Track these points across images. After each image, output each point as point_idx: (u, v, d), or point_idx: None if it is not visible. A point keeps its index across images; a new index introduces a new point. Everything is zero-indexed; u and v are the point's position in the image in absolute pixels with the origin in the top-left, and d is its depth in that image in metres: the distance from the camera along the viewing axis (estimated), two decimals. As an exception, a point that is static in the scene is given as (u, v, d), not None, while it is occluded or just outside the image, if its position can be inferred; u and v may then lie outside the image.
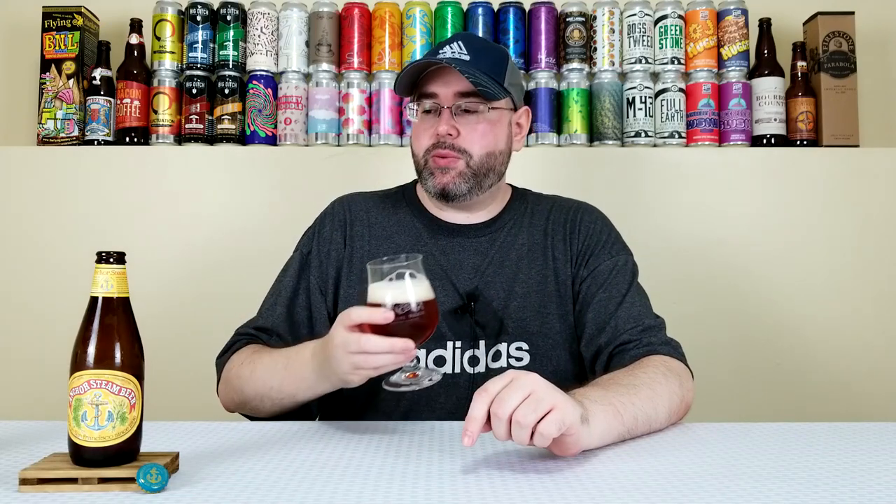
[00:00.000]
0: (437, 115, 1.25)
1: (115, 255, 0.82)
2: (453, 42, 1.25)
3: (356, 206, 1.34)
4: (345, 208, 1.34)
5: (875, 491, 0.79)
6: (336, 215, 1.33)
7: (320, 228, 1.32)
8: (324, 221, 1.33)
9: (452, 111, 1.23)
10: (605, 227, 1.34)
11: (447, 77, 1.23)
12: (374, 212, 1.33)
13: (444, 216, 1.31)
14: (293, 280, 1.29)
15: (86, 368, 0.80)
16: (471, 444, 0.85)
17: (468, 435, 0.85)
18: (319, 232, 1.32)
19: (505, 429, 0.85)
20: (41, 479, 0.78)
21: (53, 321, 1.86)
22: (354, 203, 1.35)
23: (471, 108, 1.24)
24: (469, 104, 1.23)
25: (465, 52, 1.23)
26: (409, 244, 1.29)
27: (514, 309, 1.25)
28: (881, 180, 1.92)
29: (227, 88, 1.97)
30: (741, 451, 0.95)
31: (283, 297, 1.27)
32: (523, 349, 1.24)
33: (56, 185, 1.91)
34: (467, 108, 1.24)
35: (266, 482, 0.81)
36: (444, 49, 1.24)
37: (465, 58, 1.22)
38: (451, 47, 1.24)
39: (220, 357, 1.25)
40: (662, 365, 1.12)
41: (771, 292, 1.91)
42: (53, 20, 1.95)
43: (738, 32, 1.98)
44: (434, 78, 1.24)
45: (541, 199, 1.39)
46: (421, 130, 1.27)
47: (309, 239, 1.33)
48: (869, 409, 1.87)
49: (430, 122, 1.26)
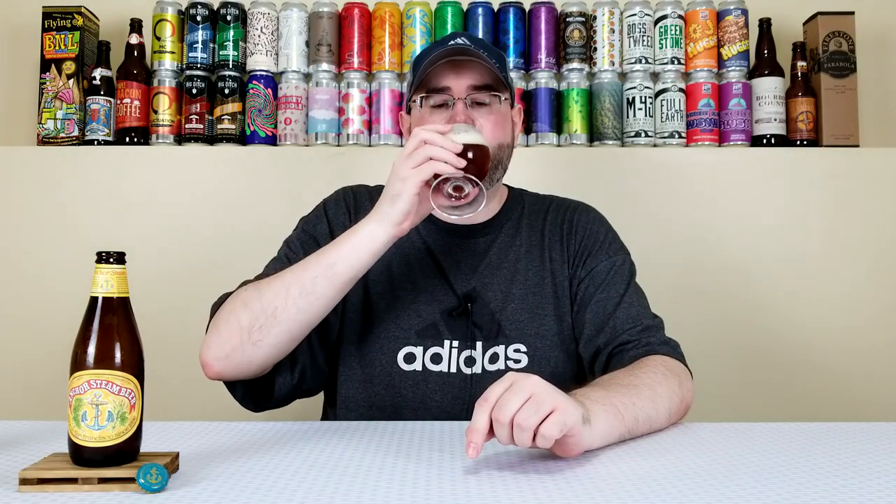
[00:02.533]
0: (448, 108, 1.23)
1: (115, 255, 0.82)
2: (456, 38, 1.25)
3: (361, 195, 1.34)
4: (350, 195, 1.33)
5: (875, 491, 0.79)
6: (341, 201, 1.32)
7: (326, 210, 1.31)
8: (328, 205, 1.32)
9: (466, 103, 1.23)
10: (603, 228, 1.33)
11: (459, 70, 1.23)
12: None
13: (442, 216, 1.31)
14: (301, 250, 1.24)
15: (86, 368, 0.80)
16: (475, 455, 0.84)
17: (472, 447, 0.84)
18: (326, 213, 1.31)
19: (507, 433, 0.85)
20: (41, 479, 0.78)
21: (53, 321, 1.86)
22: (359, 193, 1.34)
23: (483, 101, 1.24)
24: (482, 97, 1.23)
25: (472, 46, 1.23)
26: (408, 241, 1.28)
27: (512, 311, 1.25)
28: (881, 180, 1.92)
29: (227, 88, 1.97)
30: (741, 451, 0.95)
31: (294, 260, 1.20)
32: (521, 351, 1.24)
33: (56, 185, 1.91)
34: (480, 100, 1.24)
35: (266, 482, 0.81)
36: (448, 44, 1.24)
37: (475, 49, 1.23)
38: (455, 42, 1.24)
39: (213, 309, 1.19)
40: (662, 365, 1.12)
41: (771, 292, 1.91)
42: (53, 20, 1.95)
43: (738, 32, 1.98)
44: (444, 72, 1.23)
45: (538, 199, 1.39)
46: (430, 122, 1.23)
47: (313, 219, 1.30)
48: (869, 409, 1.87)
49: (440, 116, 1.24)
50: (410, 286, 1.26)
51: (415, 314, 1.24)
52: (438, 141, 1.07)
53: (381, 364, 1.23)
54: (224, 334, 1.11)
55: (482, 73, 1.23)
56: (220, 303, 1.18)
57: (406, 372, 1.22)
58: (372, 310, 1.25)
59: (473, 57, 1.21)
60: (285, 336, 1.11)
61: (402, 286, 1.26)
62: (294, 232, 1.31)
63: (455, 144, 1.07)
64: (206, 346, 1.13)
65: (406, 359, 1.23)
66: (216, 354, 1.11)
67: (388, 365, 1.23)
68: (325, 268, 1.09)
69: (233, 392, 1.19)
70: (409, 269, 1.27)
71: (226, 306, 1.14)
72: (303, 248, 1.25)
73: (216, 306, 1.18)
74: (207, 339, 1.14)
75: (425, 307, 1.25)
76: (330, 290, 1.10)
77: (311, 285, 1.09)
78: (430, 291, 1.25)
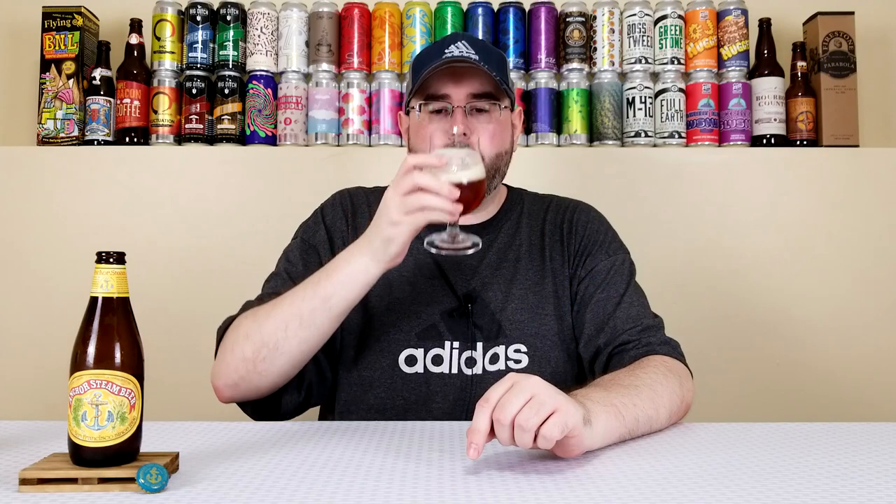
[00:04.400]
0: (446, 115, 1.23)
1: (114, 255, 0.82)
2: (457, 41, 1.23)
3: (358, 198, 1.33)
4: (347, 199, 1.33)
5: (875, 491, 0.79)
6: (338, 206, 1.32)
7: (323, 217, 1.31)
8: (325, 210, 1.32)
9: (466, 111, 1.22)
10: (602, 227, 1.33)
11: (459, 77, 1.21)
12: (376, 205, 1.32)
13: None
14: (300, 262, 1.25)
15: (86, 368, 0.80)
16: (476, 456, 0.84)
17: (473, 447, 0.84)
18: (323, 219, 1.30)
19: (508, 434, 0.85)
20: (41, 479, 0.78)
21: (53, 321, 1.86)
22: (357, 196, 1.34)
23: (483, 108, 1.23)
24: (482, 105, 1.22)
25: (473, 52, 1.21)
26: None
27: (512, 311, 1.25)
28: (881, 180, 1.92)
29: (227, 88, 1.97)
30: (741, 451, 0.95)
31: (294, 275, 1.23)
32: (521, 351, 1.23)
33: (56, 185, 1.91)
34: (480, 107, 1.22)
35: (266, 482, 0.81)
36: (449, 49, 1.22)
37: (475, 57, 1.20)
38: (456, 47, 1.22)
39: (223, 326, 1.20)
40: (662, 365, 1.12)
41: (771, 292, 1.91)
42: (53, 20, 1.95)
43: (737, 32, 1.98)
44: (443, 79, 1.22)
45: (537, 198, 1.39)
46: (430, 131, 1.23)
47: (311, 226, 1.30)
48: (869, 409, 1.87)
49: (439, 122, 1.23)
50: (409, 288, 1.26)
51: (414, 316, 1.24)
52: (434, 187, 1.01)
53: (381, 368, 1.23)
54: (231, 365, 1.13)
55: (482, 80, 1.22)
56: (226, 326, 1.19)
57: (408, 375, 1.22)
58: (372, 314, 1.25)
59: (473, 65, 1.20)
60: (289, 365, 1.13)
61: (402, 288, 1.26)
62: (293, 241, 1.31)
63: (451, 189, 1.02)
64: (215, 375, 1.16)
65: (407, 361, 1.22)
66: (225, 382, 1.14)
67: (390, 368, 1.22)
68: (321, 300, 1.09)
69: (242, 408, 1.21)
70: (407, 271, 1.26)
71: (229, 335, 1.15)
72: (302, 259, 1.25)
73: (221, 330, 1.19)
74: (215, 367, 1.16)
75: (425, 308, 1.24)
76: (327, 322, 1.10)
77: (309, 318, 1.09)
78: (429, 293, 1.25)
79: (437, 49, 1.24)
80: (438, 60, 1.20)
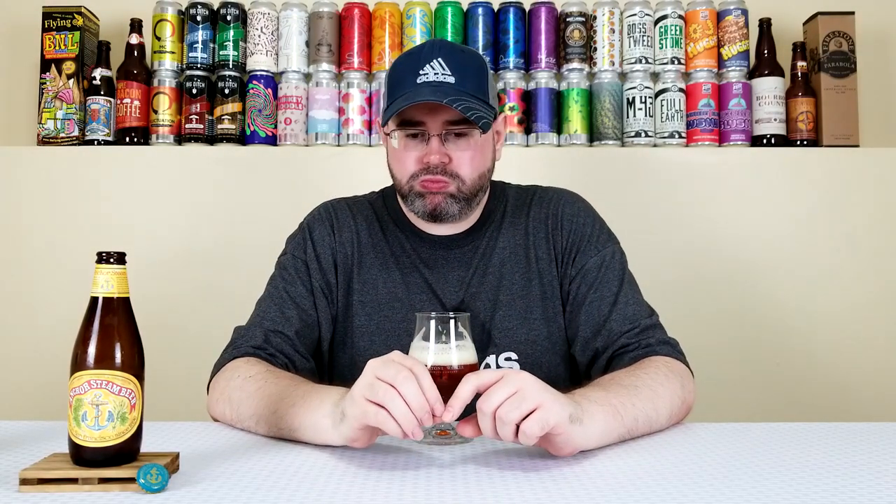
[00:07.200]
0: (422, 139, 1.19)
1: (115, 255, 0.82)
2: (432, 60, 1.17)
3: (342, 213, 1.31)
4: (331, 214, 1.31)
5: (875, 491, 0.79)
6: (324, 221, 1.30)
7: (310, 233, 1.29)
8: (311, 226, 1.30)
9: (442, 138, 1.18)
10: (589, 219, 1.29)
11: (434, 105, 1.15)
12: (360, 219, 1.31)
13: (427, 228, 1.27)
14: (295, 283, 1.25)
15: (86, 368, 0.80)
16: (451, 419, 0.86)
17: (449, 410, 0.85)
18: (310, 235, 1.29)
19: (490, 424, 0.86)
20: (41, 479, 0.78)
21: (53, 321, 1.86)
22: (340, 209, 1.32)
23: (461, 133, 1.19)
24: (459, 130, 1.18)
25: (449, 72, 1.16)
26: (393, 255, 1.27)
27: (500, 319, 1.23)
28: (881, 180, 1.92)
29: (227, 88, 1.97)
30: (741, 451, 0.95)
31: (290, 301, 1.23)
32: (512, 359, 1.23)
33: (56, 185, 1.91)
34: (458, 132, 1.18)
35: (266, 482, 0.81)
36: (424, 70, 1.16)
37: (451, 79, 1.15)
38: (432, 67, 1.16)
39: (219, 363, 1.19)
40: (664, 366, 1.11)
41: (771, 292, 1.91)
42: (53, 20, 1.95)
43: (738, 32, 1.98)
44: (419, 106, 1.16)
45: (520, 192, 1.35)
46: (405, 155, 1.20)
47: (299, 244, 1.29)
48: (869, 409, 1.87)
49: (414, 146, 1.20)
50: (398, 304, 1.25)
51: (404, 333, 1.22)
52: (399, 415, 0.85)
53: None
54: (220, 411, 1.11)
55: None
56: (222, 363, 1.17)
57: None
58: (361, 332, 1.25)
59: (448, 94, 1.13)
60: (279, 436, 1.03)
61: (391, 305, 1.25)
62: (283, 256, 1.30)
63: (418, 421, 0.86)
64: (209, 405, 1.15)
65: None
66: (217, 416, 1.13)
67: None
68: (287, 430, 0.99)
69: None
70: (395, 287, 1.25)
71: (219, 383, 1.13)
72: (297, 274, 1.25)
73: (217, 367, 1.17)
74: (209, 399, 1.15)
75: None
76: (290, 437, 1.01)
77: (277, 433, 1.01)
78: (418, 308, 1.23)
79: (411, 66, 1.18)
80: (413, 87, 1.16)
